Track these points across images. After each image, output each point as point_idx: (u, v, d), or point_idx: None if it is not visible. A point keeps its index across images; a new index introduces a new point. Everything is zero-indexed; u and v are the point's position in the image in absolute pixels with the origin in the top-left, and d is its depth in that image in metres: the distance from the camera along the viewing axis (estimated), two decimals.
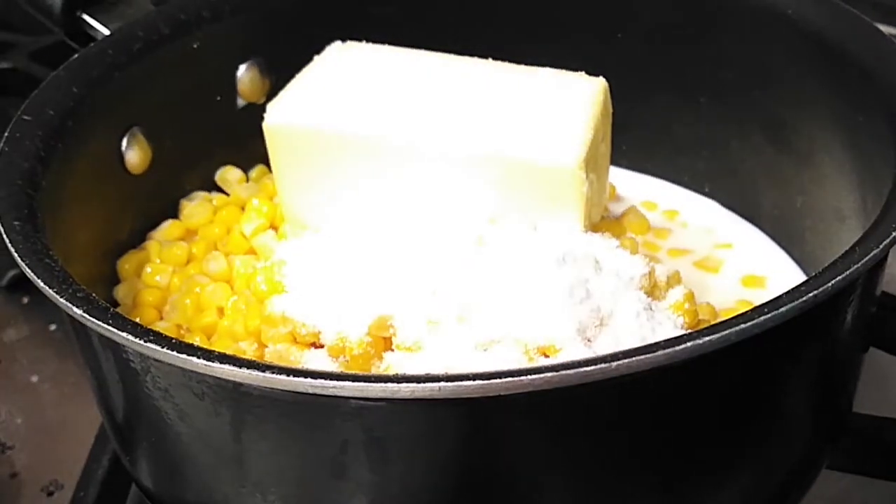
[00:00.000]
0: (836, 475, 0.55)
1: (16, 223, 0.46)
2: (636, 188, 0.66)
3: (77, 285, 0.43)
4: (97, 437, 0.58)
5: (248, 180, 0.64)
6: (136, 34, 0.58)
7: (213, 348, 0.41)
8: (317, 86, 0.57)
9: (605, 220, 0.58)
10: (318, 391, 0.38)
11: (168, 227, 0.60)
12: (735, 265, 0.61)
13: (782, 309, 0.39)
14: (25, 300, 0.72)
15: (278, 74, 0.61)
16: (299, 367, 0.49)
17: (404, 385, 0.38)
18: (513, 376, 0.38)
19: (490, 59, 0.57)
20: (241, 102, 0.63)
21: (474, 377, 0.38)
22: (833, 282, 0.40)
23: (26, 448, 0.63)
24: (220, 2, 0.61)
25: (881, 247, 0.42)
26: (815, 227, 0.59)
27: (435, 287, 0.49)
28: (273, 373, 0.38)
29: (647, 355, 0.38)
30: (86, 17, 0.60)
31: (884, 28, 0.55)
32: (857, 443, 0.54)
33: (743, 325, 0.39)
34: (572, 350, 0.46)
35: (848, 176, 0.55)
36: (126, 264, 0.58)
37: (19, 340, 0.70)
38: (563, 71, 0.56)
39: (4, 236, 0.46)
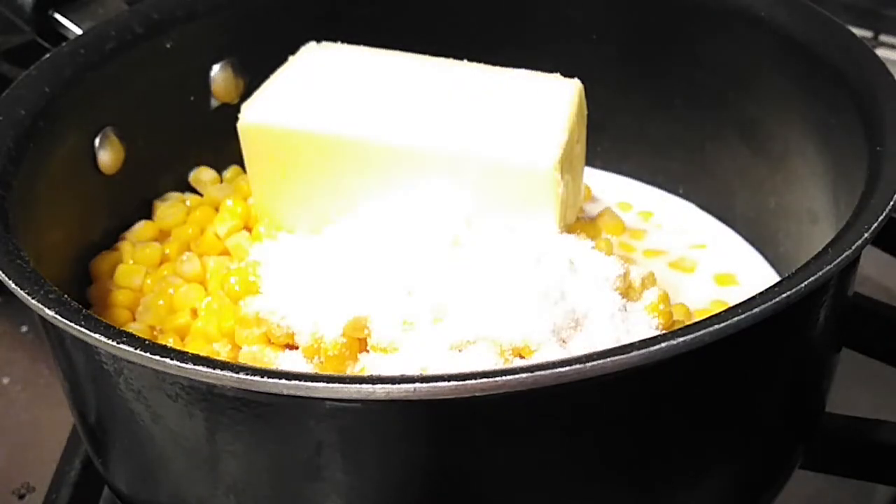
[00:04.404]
0: (809, 475, 0.55)
1: None
2: (611, 189, 0.66)
3: (49, 286, 0.43)
4: (69, 439, 0.57)
5: (221, 181, 0.64)
6: (108, 34, 0.58)
7: (186, 350, 0.40)
8: (291, 86, 0.56)
9: (580, 221, 0.58)
10: (293, 392, 0.38)
11: (141, 228, 0.60)
12: (709, 266, 0.61)
13: (756, 310, 0.40)
14: None
15: (252, 74, 0.60)
16: (273, 368, 0.49)
17: (379, 386, 0.38)
18: (488, 377, 0.38)
19: (466, 61, 0.57)
20: (214, 103, 0.62)
21: (449, 378, 0.38)
22: (806, 283, 0.41)
23: None
24: (193, 1, 0.60)
25: (853, 248, 0.42)
26: (788, 228, 0.59)
27: (410, 288, 0.49)
28: (247, 374, 0.38)
29: (622, 356, 0.38)
30: (57, 16, 0.60)
31: (856, 31, 0.55)
32: (831, 443, 0.55)
33: (717, 326, 0.39)
34: (547, 351, 0.46)
35: (821, 177, 0.55)
36: (99, 265, 0.57)
37: None
38: (539, 72, 0.56)
39: None
